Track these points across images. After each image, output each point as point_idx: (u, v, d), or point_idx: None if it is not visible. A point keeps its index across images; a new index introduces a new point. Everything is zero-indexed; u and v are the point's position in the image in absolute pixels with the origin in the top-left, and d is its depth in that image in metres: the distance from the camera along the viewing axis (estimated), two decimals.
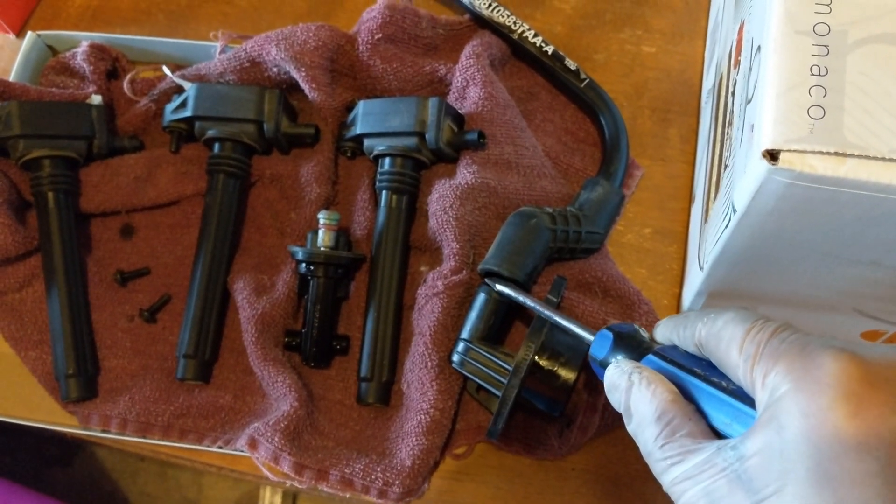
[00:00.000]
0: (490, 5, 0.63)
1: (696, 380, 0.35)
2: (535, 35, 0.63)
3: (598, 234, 0.57)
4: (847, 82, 0.34)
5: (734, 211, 0.39)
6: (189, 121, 0.61)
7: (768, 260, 0.43)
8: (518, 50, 0.64)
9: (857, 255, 0.40)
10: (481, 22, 0.64)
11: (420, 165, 0.60)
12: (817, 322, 0.50)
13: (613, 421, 0.55)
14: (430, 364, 0.53)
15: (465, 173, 0.58)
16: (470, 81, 0.60)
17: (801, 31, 0.35)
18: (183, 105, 0.62)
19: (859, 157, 0.33)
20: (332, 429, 0.56)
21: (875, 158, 0.33)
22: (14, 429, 0.59)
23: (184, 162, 0.63)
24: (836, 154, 0.33)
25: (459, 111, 0.60)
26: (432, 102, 0.58)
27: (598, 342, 0.43)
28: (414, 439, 0.52)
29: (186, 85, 0.62)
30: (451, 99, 0.61)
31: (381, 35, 0.61)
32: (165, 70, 0.63)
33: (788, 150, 0.34)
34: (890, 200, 0.34)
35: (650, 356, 0.38)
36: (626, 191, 0.61)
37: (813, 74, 0.35)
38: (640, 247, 0.60)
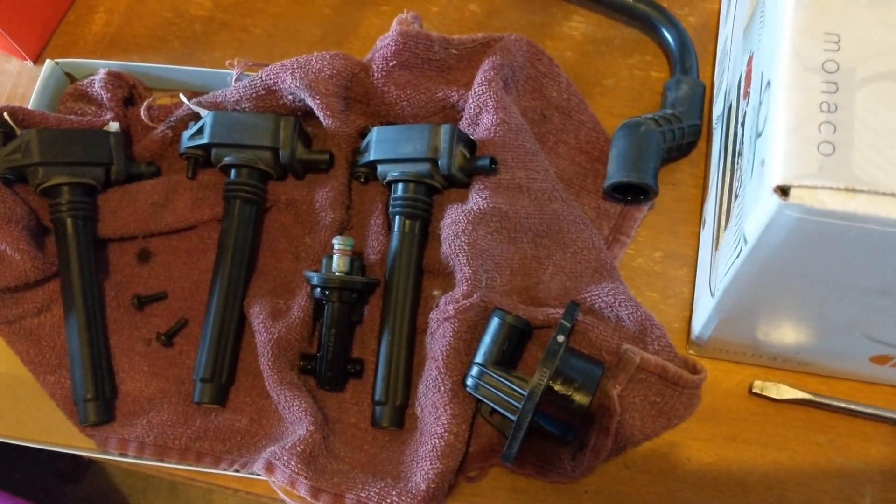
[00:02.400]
0: None
1: None
2: None
3: (696, 126, 0.61)
4: (856, 119, 0.35)
5: (745, 242, 0.40)
6: (206, 147, 0.62)
7: (779, 289, 0.43)
8: None
9: (866, 285, 0.40)
10: None
11: (433, 191, 0.61)
12: (827, 346, 0.51)
13: (626, 444, 0.56)
14: (443, 388, 0.54)
15: (478, 198, 0.59)
16: (483, 108, 0.61)
17: (809, 68, 0.36)
18: (200, 132, 0.63)
19: (869, 192, 0.34)
20: (347, 452, 0.57)
21: (884, 194, 0.34)
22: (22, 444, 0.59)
23: (200, 188, 0.64)
24: (846, 190, 0.34)
25: (472, 137, 0.61)
26: (444, 129, 0.59)
27: None
28: (428, 463, 0.53)
29: (203, 112, 0.63)
30: (463, 125, 0.62)
31: (395, 62, 0.62)
32: (182, 97, 0.65)
33: (799, 186, 0.34)
34: None
35: None
36: (637, 214, 0.62)
37: (822, 111, 0.35)
38: (651, 270, 0.61)
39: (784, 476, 0.55)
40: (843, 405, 0.55)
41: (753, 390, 0.56)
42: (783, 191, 0.35)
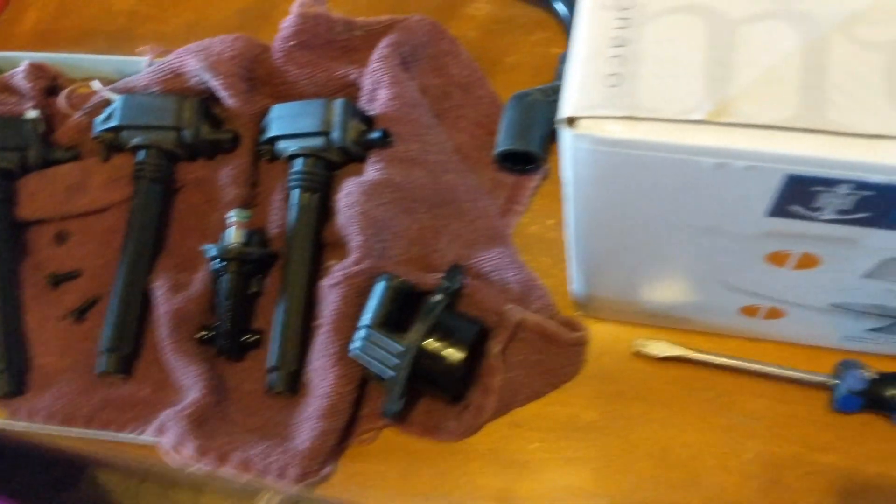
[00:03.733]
0: None
1: None
2: None
3: None
4: (644, 51, 0.36)
5: (565, 184, 0.41)
6: (116, 130, 0.65)
7: (613, 233, 0.44)
8: None
9: (691, 223, 0.41)
10: None
11: (330, 165, 0.63)
12: (696, 300, 0.52)
13: (512, 403, 0.57)
14: (329, 351, 0.56)
15: (372, 170, 0.61)
16: (378, 84, 0.63)
17: (605, 6, 0.38)
18: (111, 116, 0.65)
19: (651, 119, 0.35)
20: (241, 417, 0.58)
21: (666, 120, 0.35)
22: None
23: (114, 170, 0.66)
24: (629, 118, 0.35)
25: (370, 112, 0.63)
26: (337, 103, 0.61)
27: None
28: (312, 423, 0.54)
29: (114, 97, 0.66)
30: (363, 101, 0.64)
31: (294, 42, 0.65)
32: (96, 84, 0.67)
33: (587, 117, 0.36)
34: (690, 161, 0.36)
35: None
36: (529, 183, 0.63)
37: (613, 45, 0.37)
38: (544, 237, 0.62)
39: (669, 432, 0.55)
40: (723, 361, 0.55)
41: (636, 349, 0.57)
42: (573, 122, 0.36)
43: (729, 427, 0.55)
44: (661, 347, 0.56)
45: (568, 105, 0.36)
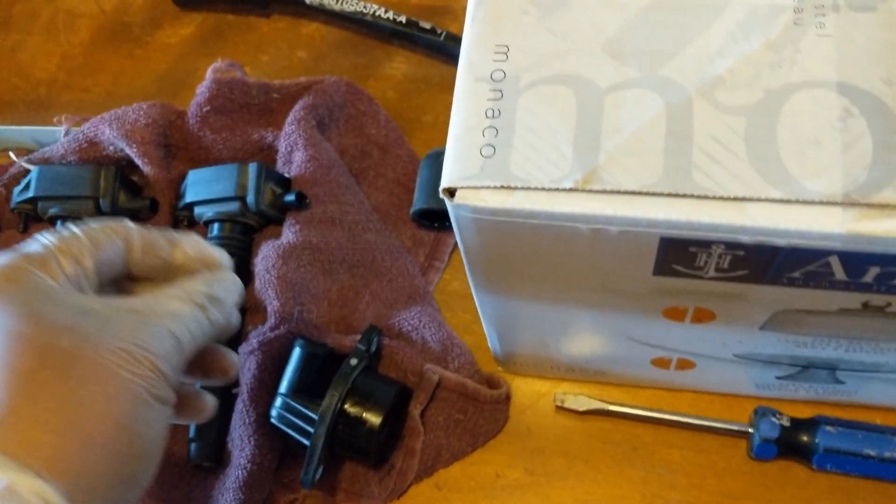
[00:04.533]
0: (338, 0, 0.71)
1: None
2: (387, 11, 0.70)
3: None
4: (517, 122, 0.37)
5: (460, 249, 0.42)
6: (33, 201, 0.64)
7: (515, 295, 0.45)
8: (375, 28, 0.71)
9: (583, 284, 0.42)
10: (332, 15, 0.72)
11: (248, 228, 0.63)
12: (609, 354, 0.52)
13: (436, 464, 0.56)
14: (247, 420, 0.55)
15: (289, 233, 0.61)
16: (293, 146, 0.63)
17: (480, 78, 0.38)
18: (27, 187, 0.65)
19: (524, 188, 0.35)
20: (164, 492, 0.57)
21: (539, 189, 0.35)
22: None
23: None
24: (504, 187, 0.36)
25: (287, 175, 0.63)
26: (251, 167, 0.61)
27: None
28: (231, 494, 0.54)
29: (31, 167, 0.65)
30: (279, 164, 0.64)
31: (209, 107, 0.65)
32: (11, 155, 0.67)
33: (463, 187, 0.36)
34: (567, 227, 0.36)
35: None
36: (449, 240, 0.64)
37: (487, 117, 0.37)
38: (465, 293, 0.61)
39: (590, 487, 0.55)
40: (641, 413, 0.55)
41: (556, 403, 0.57)
42: (451, 193, 0.36)
43: (649, 479, 0.55)
44: (580, 402, 0.56)
45: (446, 176, 0.36)
